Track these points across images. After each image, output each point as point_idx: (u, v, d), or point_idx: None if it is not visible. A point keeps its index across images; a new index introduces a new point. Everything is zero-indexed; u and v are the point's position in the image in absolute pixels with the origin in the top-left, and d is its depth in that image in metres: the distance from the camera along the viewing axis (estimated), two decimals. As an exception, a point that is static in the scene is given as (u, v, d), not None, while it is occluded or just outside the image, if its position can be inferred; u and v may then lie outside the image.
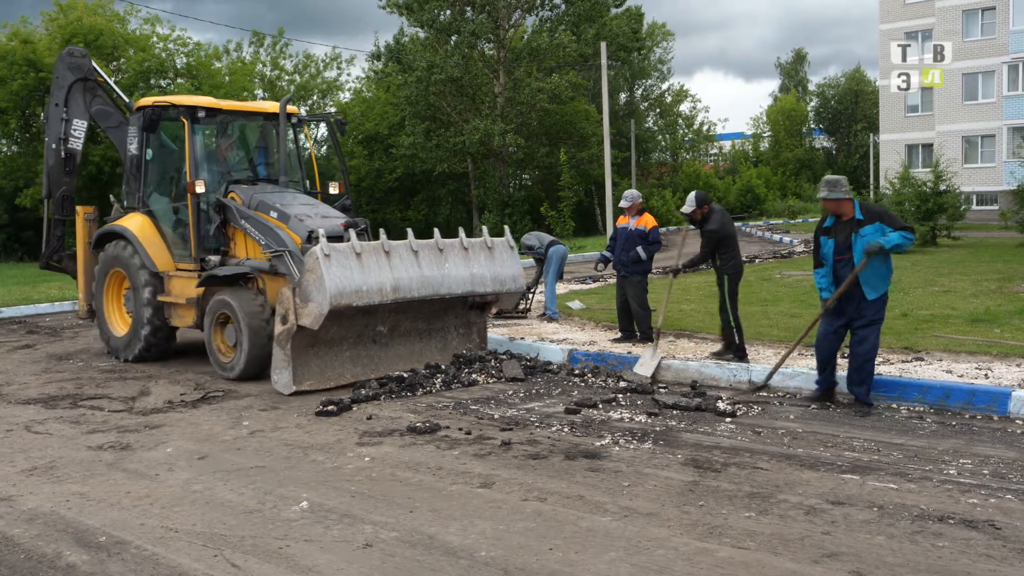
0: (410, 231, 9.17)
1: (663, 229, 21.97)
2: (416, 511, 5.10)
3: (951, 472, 5.55)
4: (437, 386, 8.46)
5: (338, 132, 10.99)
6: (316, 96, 40.80)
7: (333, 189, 10.85)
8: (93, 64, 11.61)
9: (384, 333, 8.99)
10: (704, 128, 57.12)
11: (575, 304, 13.59)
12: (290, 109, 10.39)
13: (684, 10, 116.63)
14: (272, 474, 5.91)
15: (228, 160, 10.67)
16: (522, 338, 10.62)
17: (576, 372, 8.96)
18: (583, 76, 39.93)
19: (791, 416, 7.11)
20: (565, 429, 6.82)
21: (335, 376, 8.58)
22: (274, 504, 5.29)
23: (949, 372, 8.04)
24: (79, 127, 11.51)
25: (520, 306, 12.62)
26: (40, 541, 4.82)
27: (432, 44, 37.54)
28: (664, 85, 55.82)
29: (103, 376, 9.66)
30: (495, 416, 7.32)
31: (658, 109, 54.74)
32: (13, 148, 33.09)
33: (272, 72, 40.09)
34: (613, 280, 12.28)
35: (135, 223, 10.34)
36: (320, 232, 8.43)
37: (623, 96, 51.53)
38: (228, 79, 34.08)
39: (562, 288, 15.46)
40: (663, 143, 54.01)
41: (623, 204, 10.72)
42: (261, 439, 6.84)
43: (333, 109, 40.13)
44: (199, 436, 6.97)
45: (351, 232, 8.88)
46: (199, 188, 9.62)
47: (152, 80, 31.22)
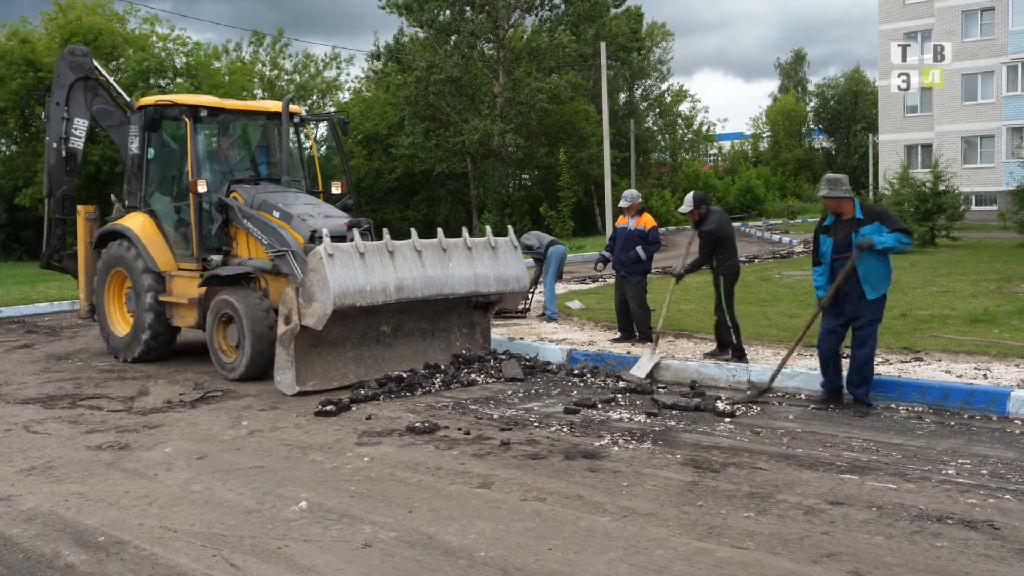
0: (413, 231, 9.17)
1: (662, 229, 21.98)
2: (415, 511, 5.10)
3: (950, 472, 5.55)
4: (436, 386, 8.46)
5: (341, 131, 11.00)
6: (316, 96, 40.80)
7: (335, 189, 10.84)
8: (94, 63, 11.60)
9: (388, 333, 8.98)
10: (703, 128, 57.19)
11: (574, 304, 13.59)
12: (292, 108, 10.39)
13: (684, 10, 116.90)
14: (271, 474, 5.91)
15: (230, 159, 10.66)
16: (521, 338, 10.62)
17: (575, 372, 8.96)
18: (583, 76, 39.95)
19: (790, 416, 7.12)
20: (564, 429, 6.82)
21: (338, 376, 8.56)
22: (273, 504, 5.29)
23: (948, 372, 8.04)
24: (80, 126, 11.49)
25: (519, 306, 12.63)
26: (39, 541, 4.82)
27: (432, 44, 37.54)
28: (664, 85, 55.99)
29: (102, 376, 9.66)
30: (494, 416, 7.31)
31: (658, 109, 54.78)
32: (12, 148, 33.08)
33: (272, 72, 40.12)
34: (612, 280, 12.27)
35: (137, 222, 10.33)
36: (324, 232, 8.43)
37: (623, 96, 51.58)
38: (227, 79, 34.07)
39: (561, 288, 15.48)
40: (663, 143, 54.07)
41: (622, 204, 10.73)
42: (260, 439, 6.84)
43: (332, 109, 40.10)
44: (198, 436, 6.97)
45: (354, 232, 8.86)
46: (201, 187, 9.61)
47: (151, 80, 31.21)
